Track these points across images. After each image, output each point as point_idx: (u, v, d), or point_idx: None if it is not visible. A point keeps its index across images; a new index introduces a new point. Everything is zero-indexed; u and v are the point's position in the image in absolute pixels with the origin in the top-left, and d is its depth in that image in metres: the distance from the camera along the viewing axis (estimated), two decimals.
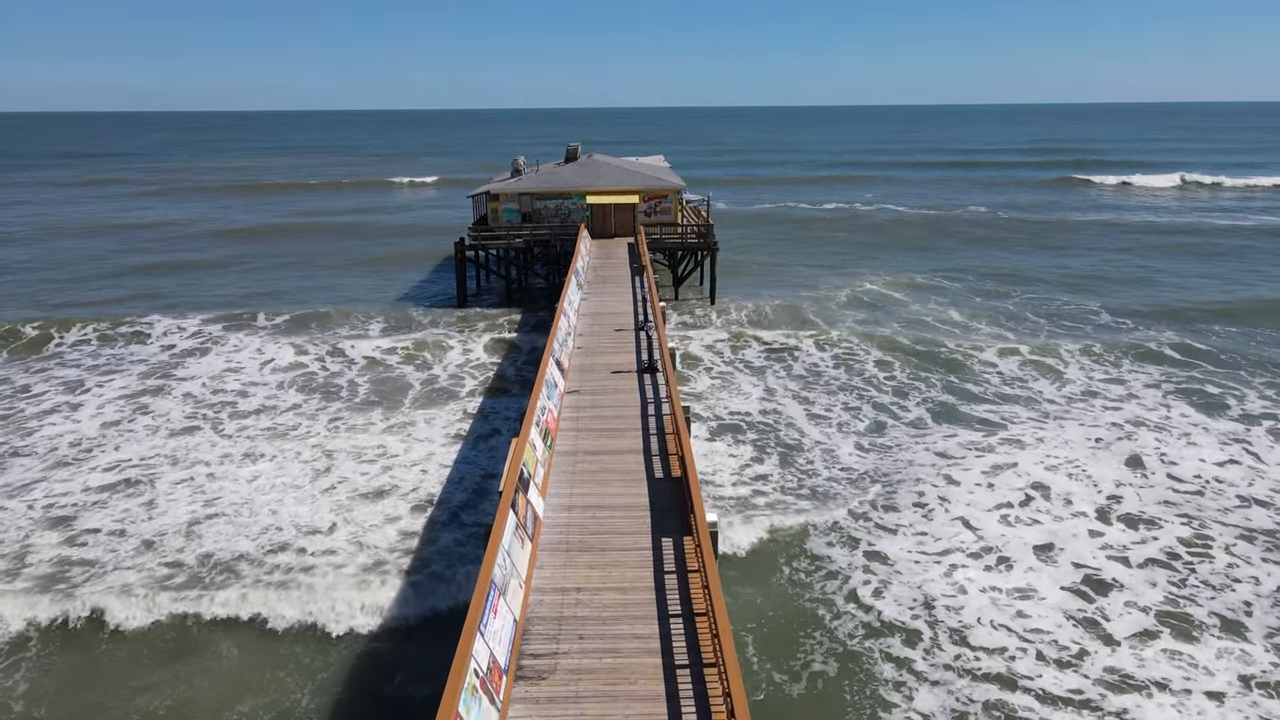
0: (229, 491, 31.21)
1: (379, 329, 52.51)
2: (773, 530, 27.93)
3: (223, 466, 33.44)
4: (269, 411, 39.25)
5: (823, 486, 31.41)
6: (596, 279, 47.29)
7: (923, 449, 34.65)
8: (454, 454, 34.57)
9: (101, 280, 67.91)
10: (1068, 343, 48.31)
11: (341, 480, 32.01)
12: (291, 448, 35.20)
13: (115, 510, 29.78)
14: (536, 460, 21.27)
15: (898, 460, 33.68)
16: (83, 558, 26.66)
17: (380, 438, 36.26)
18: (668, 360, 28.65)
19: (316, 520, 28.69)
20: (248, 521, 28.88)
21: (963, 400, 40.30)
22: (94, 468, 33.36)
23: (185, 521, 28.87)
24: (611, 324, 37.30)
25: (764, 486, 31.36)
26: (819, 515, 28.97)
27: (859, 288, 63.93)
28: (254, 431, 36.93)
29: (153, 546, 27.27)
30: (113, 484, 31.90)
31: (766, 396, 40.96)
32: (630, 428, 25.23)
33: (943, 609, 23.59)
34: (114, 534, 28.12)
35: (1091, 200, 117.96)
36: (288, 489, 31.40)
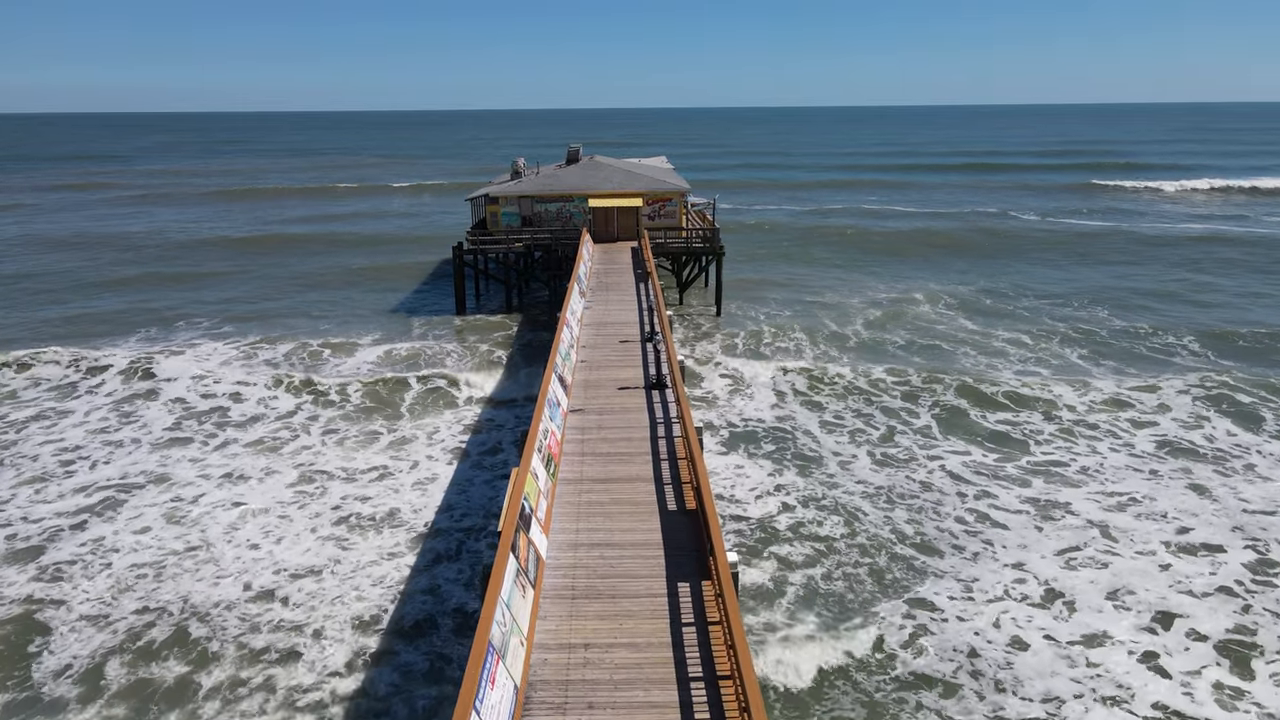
0: (207, 520, 29.36)
1: (373, 339, 50.63)
2: (791, 565, 26.10)
3: (201, 488, 31.58)
4: (256, 426, 37.37)
5: (849, 518, 29.56)
6: (599, 286, 45.45)
7: (951, 484, 32.80)
8: (454, 473, 32.71)
9: (65, 300, 66.01)
10: (1130, 378, 42.65)
11: (333, 507, 30.14)
12: (280, 465, 33.35)
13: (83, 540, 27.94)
14: (539, 491, 19.44)
15: (927, 493, 31.83)
16: (49, 595, 24.83)
17: (376, 455, 34.42)
18: (678, 376, 26.81)
19: (303, 558, 26.79)
20: (227, 558, 27.02)
21: (981, 414, 38.46)
22: (63, 492, 31.52)
23: (149, 561, 27.03)
24: (616, 335, 35.45)
25: (783, 506, 29.51)
26: (845, 555, 27.14)
27: (871, 295, 62.13)
28: (238, 449, 35.07)
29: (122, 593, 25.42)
30: (87, 506, 30.06)
31: (779, 404, 39.11)
32: (639, 452, 23.38)
33: (992, 659, 21.74)
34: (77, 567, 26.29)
35: (1121, 206, 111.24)
36: (273, 517, 29.54)
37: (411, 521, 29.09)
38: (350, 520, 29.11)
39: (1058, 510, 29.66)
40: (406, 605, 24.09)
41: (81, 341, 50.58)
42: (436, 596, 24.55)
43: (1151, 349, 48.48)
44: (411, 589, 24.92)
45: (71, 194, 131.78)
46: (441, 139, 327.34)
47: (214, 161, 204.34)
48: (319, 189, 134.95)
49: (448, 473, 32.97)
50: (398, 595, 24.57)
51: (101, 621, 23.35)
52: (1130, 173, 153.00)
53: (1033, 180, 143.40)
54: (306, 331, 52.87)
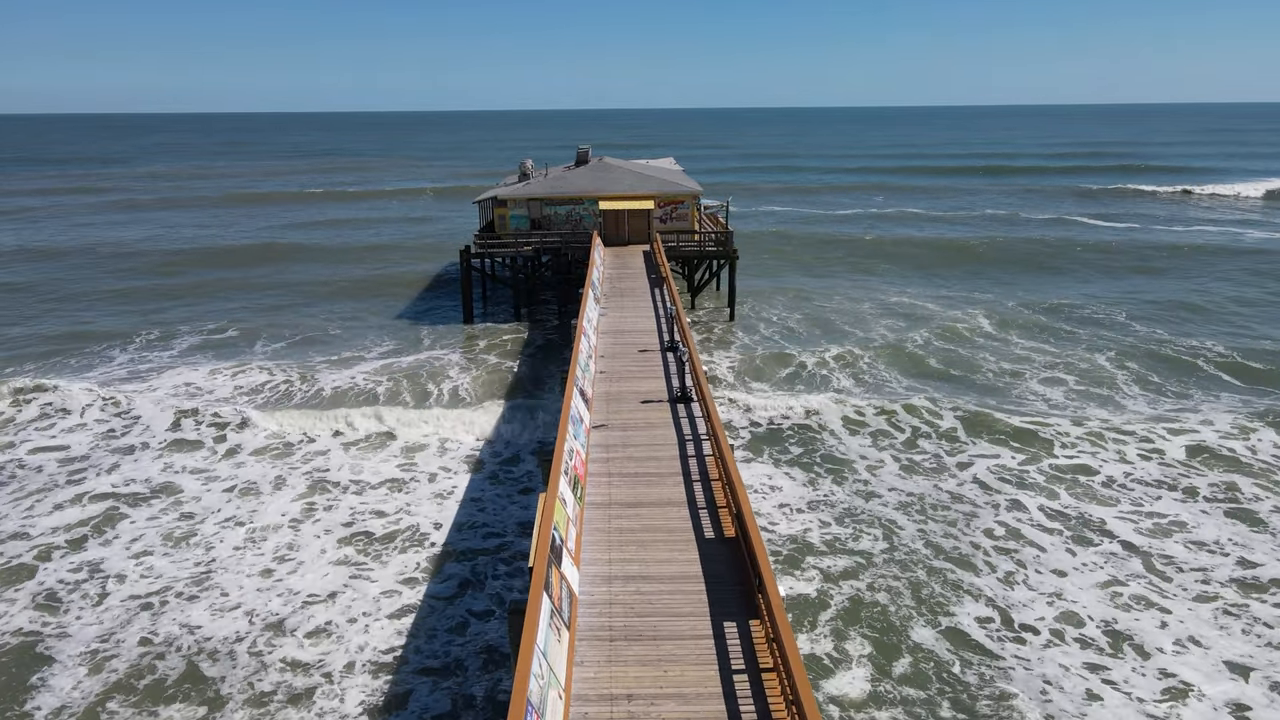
0: (214, 540, 28.02)
1: (381, 351, 49.20)
2: (830, 578, 24.79)
3: (207, 503, 30.24)
4: (261, 437, 36.03)
5: (885, 531, 28.23)
6: (613, 292, 44.11)
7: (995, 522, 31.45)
8: (470, 486, 31.37)
9: (40, 318, 64.72)
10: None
11: (345, 523, 28.80)
12: (290, 478, 32.00)
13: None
14: (568, 519, 18.09)
15: (965, 528, 30.48)
16: (47, 622, 23.47)
17: (388, 468, 33.07)
18: (706, 389, 25.45)
19: (317, 583, 25.44)
20: (235, 584, 25.67)
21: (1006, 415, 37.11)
22: (60, 502, 30.18)
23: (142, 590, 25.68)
24: (634, 344, 34.10)
25: (815, 524, 28.19)
26: (883, 570, 25.81)
27: (885, 300, 60.82)
28: (242, 458, 33.72)
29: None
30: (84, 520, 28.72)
31: (799, 415, 37.79)
32: (669, 471, 22.03)
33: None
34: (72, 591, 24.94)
35: (1154, 211, 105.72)
36: (283, 535, 28.20)
37: (429, 539, 27.79)
38: (365, 539, 27.79)
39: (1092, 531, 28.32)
40: (427, 639, 22.74)
41: (78, 353, 49.32)
42: (459, 629, 23.18)
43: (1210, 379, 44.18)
44: (433, 621, 23.57)
45: (67, 198, 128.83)
46: (441, 140, 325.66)
47: (212, 164, 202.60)
48: (319, 194, 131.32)
49: (463, 485, 31.65)
50: (418, 628, 23.22)
51: (102, 654, 22.00)
52: (1158, 176, 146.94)
53: (1057, 184, 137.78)
54: (310, 343, 51.57)
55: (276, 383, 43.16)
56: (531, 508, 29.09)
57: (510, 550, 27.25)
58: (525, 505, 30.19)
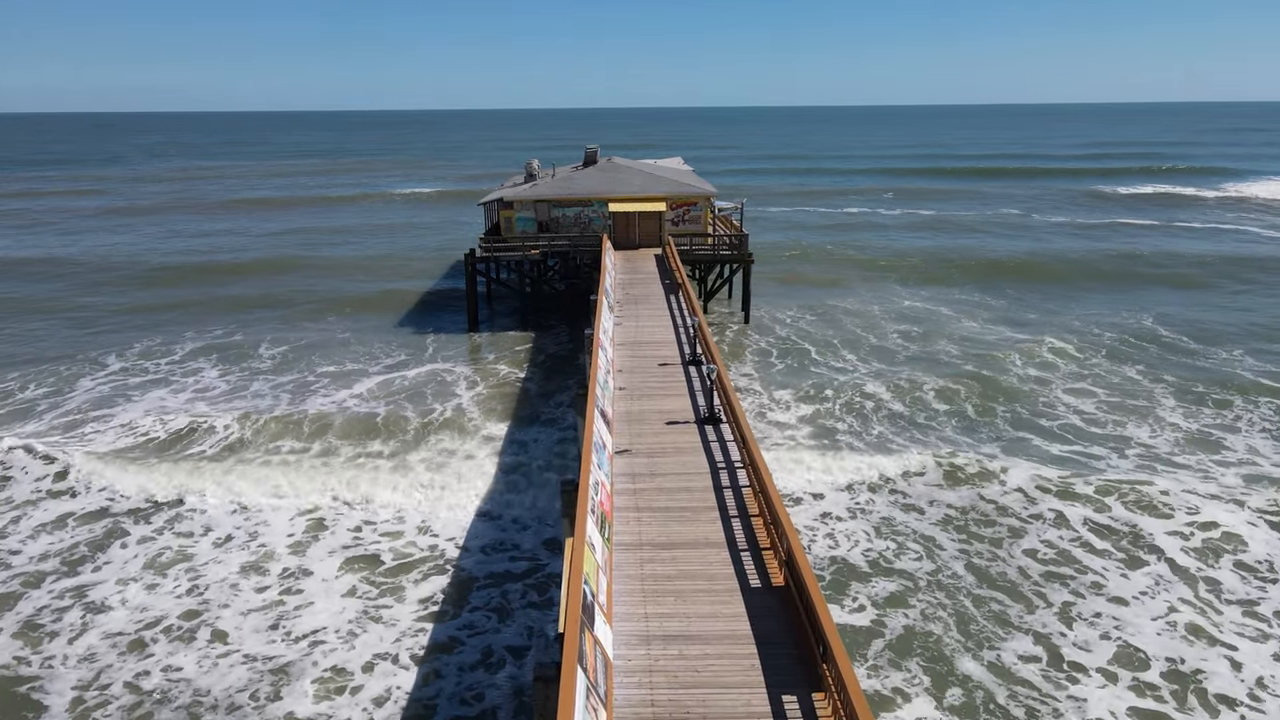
0: (212, 567, 25.99)
1: (384, 365, 46.96)
2: (876, 604, 22.76)
3: (206, 527, 28.20)
4: (250, 458, 33.98)
5: (926, 550, 26.18)
6: (627, 299, 42.05)
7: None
8: (485, 504, 29.33)
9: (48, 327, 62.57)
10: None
11: (353, 545, 26.76)
12: (279, 505, 29.96)
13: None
14: (598, 566, 16.04)
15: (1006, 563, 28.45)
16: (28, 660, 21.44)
17: (398, 487, 31.03)
18: (739, 411, 23.36)
19: (326, 619, 23.42)
20: (233, 623, 23.64)
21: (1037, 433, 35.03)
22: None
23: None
24: (653, 356, 32.03)
25: (853, 539, 26.16)
26: (928, 595, 23.78)
27: (896, 304, 58.82)
28: (234, 482, 31.65)
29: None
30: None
31: (821, 432, 35.74)
32: (703, 505, 19.97)
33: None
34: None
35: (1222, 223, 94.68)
36: (289, 561, 26.18)
37: (445, 562, 25.78)
38: (377, 566, 25.79)
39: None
40: (450, 682, 20.74)
41: (68, 362, 47.34)
42: (488, 673, 21.19)
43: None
44: (456, 661, 21.59)
45: (55, 200, 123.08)
46: (441, 140, 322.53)
47: (208, 165, 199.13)
48: (317, 199, 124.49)
49: (475, 504, 29.63)
50: (440, 671, 21.23)
51: (86, 703, 19.98)
52: (1192, 178, 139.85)
53: (1093, 187, 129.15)
54: (309, 356, 49.51)
55: (283, 395, 41.15)
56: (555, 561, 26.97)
57: (535, 575, 25.22)
58: (545, 522, 28.18)
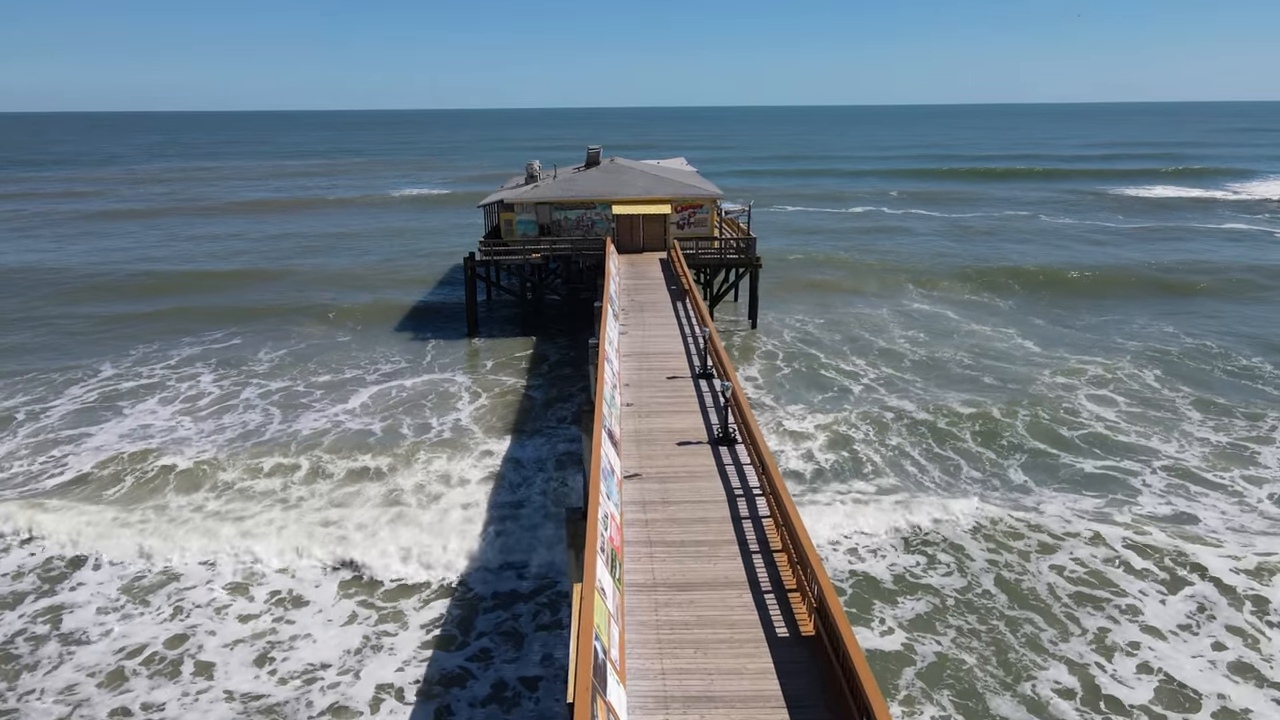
0: (200, 595, 24.44)
1: (379, 374, 45.50)
2: (904, 626, 21.19)
3: (198, 555, 26.65)
4: (223, 487, 32.37)
5: (959, 565, 24.61)
6: (632, 306, 40.47)
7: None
8: (486, 526, 27.75)
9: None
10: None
11: (352, 572, 25.17)
12: (286, 523, 28.38)
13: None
14: (608, 615, 14.46)
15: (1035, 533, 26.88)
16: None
17: (393, 509, 29.44)
18: (756, 432, 21.74)
19: (325, 651, 21.90)
20: (222, 660, 22.08)
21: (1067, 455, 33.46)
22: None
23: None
24: (661, 369, 30.43)
25: (878, 554, 24.59)
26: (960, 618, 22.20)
27: (906, 308, 57.26)
28: (207, 515, 30.03)
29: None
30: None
31: (840, 431, 34.16)
32: (721, 539, 18.39)
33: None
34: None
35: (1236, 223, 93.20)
36: (282, 589, 24.62)
37: (448, 584, 24.24)
38: (376, 593, 24.26)
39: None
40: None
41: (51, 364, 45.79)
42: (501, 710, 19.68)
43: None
44: (463, 696, 20.06)
45: (36, 203, 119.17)
46: (440, 139, 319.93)
47: (207, 165, 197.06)
48: (315, 200, 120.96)
49: (478, 526, 28.03)
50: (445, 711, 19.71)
51: None
52: (1205, 179, 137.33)
53: (1107, 189, 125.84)
54: (305, 364, 47.98)
55: (276, 411, 39.61)
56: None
57: (543, 595, 23.64)
58: (547, 541, 26.62)
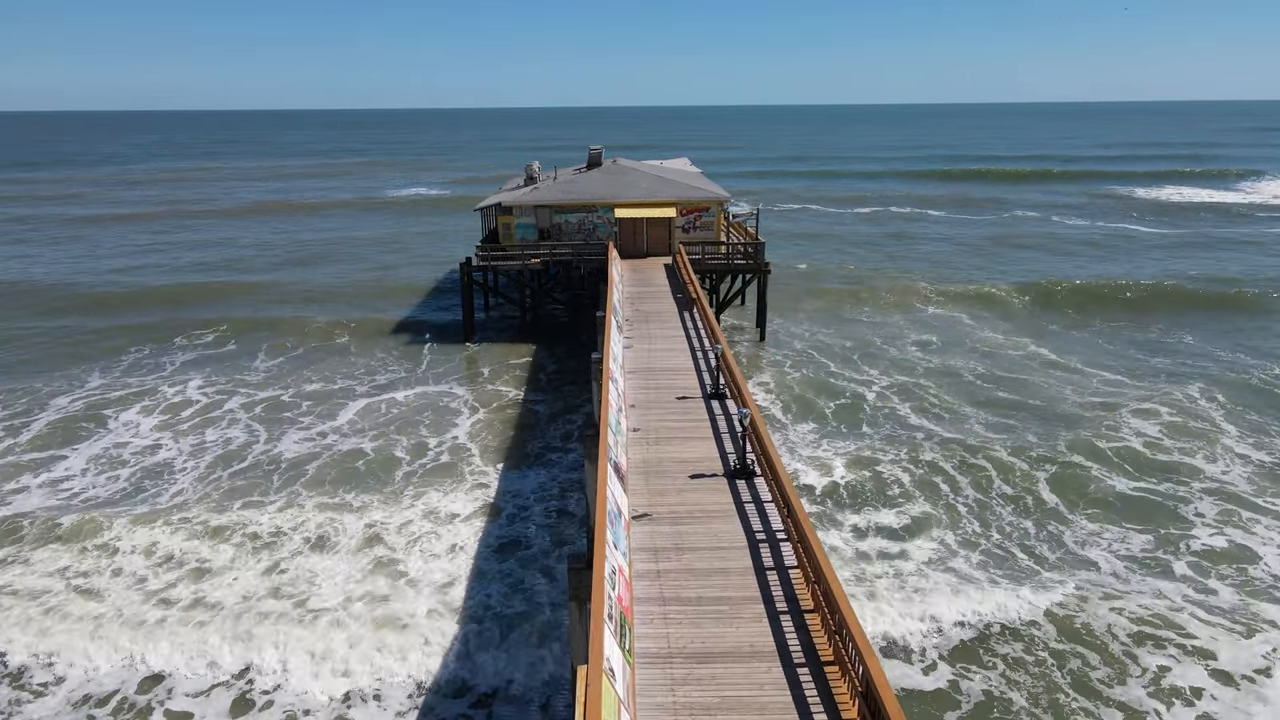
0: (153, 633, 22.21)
1: (367, 388, 43.31)
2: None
3: (148, 596, 24.42)
4: (190, 514, 30.16)
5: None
6: (636, 316, 38.27)
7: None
8: (474, 575, 25.52)
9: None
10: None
11: (276, 674, 22.81)
12: (247, 565, 26.13)
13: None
14: (617, 700, 12.27)
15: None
16: None
17: (370, 546, 27.21)
18: (780, 468, 19.47)
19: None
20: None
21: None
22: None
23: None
24: (670, 388, 28.22)
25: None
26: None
27: (918, 314, 55.03)
28: (194, 541, 27.86)
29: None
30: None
31: (862, 459, 31.97)
32: (743, 595, 16.19)
33: None
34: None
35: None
36: (239, 644, 22.38)
37: (429, 667, 21.98)
38: (350, 687, 21.96)
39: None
40: None
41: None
42: None
43: None
44: None
45: (23, 206, 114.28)
46: (436, 140, 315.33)
47: (204, 165, 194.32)
48: (305, 204, 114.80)
49: (465, 570, 25.81)
50: None
51: None
52: (1234, 181, 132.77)
53: (1153, 195, 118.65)
54: (289, 378, 45.78)
55: (236, 443, 37.43)
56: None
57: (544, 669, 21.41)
58: (543, 592, 24.42)
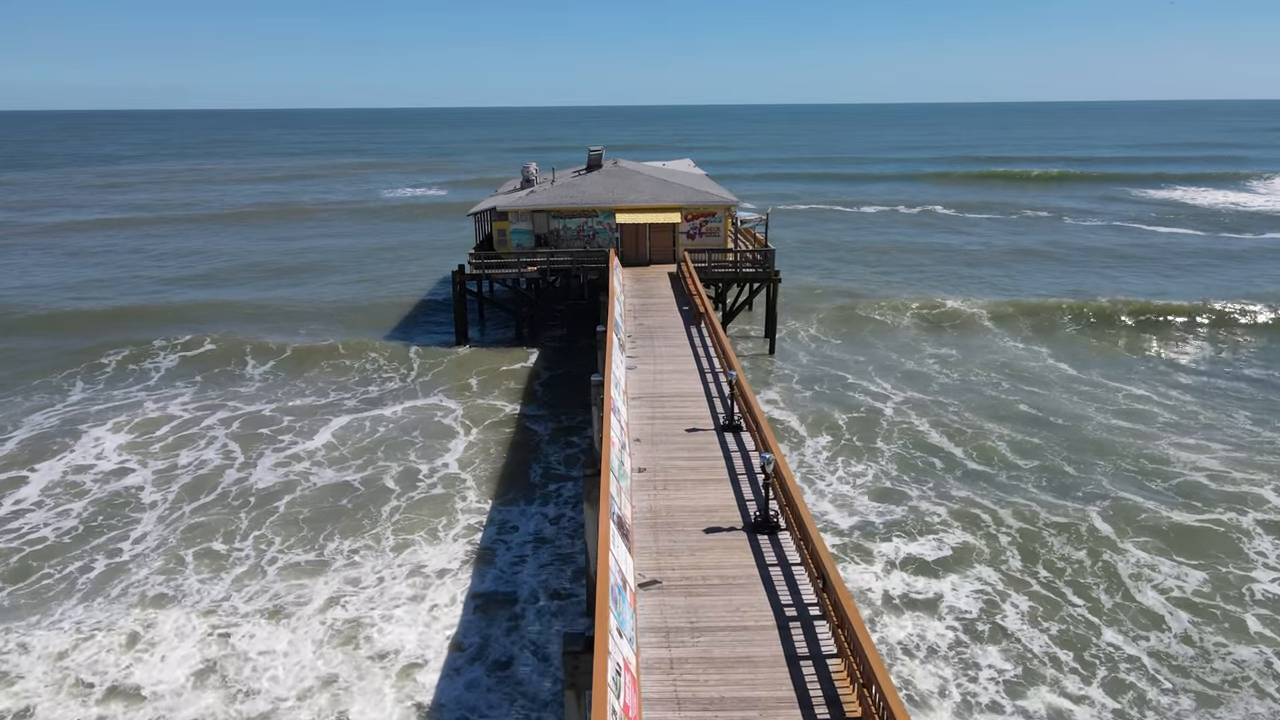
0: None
1: (352, 404, 40.49)
2: None
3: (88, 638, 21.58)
4: (146, 558, 27.33)
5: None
6: (640, 331, 35.45)
7: None
8: (460, 631, 22.66)
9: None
10: None
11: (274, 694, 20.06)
12: (173, 620, 23.30)
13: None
14: None
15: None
16: None
17: (334, 598, 24.36)
18: (806, 517, 16.70)
19: None
20: None
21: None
22: None
23: None
24: (678, 417, 25.41)
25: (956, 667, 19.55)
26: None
27: (928, 321, 52.16)
28: (125, 586, 25.03)
29: None
30: None
31: (884, 497, 29.12)
32: (775, 695, 13.36)
33: None
34: None
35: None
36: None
37: None
38: None
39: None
40: None
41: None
42: None
43: None
44: None
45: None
46: (434, 140, 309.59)
47: (200, 165, 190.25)
48: (295, 208, 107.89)
49: (445, 648, 22.88)
50: None
51: None
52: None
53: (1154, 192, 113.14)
54: (275, 393, 42.95)
55: (212, 452, 34.62)
56: None
57: None
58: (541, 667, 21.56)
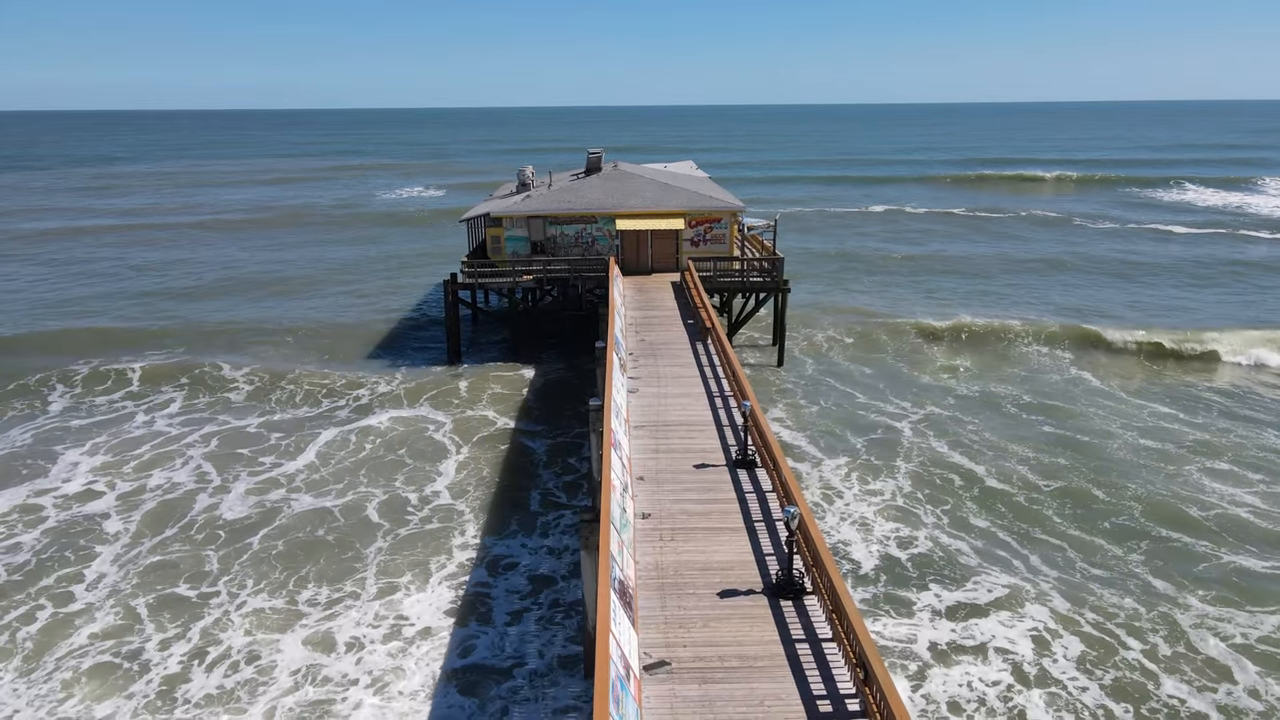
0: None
1: (337, 419, 38.16)
2: None
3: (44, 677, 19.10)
4: (107, 604, 24.88)
5: None
6: (642, 349, 33.06)
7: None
8: (440, 700, 20.22)
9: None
10: None
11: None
12: (124, 690, 20.87)
13: None
14: None
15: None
16: None
17: (308, 651, 21.93)
18: (839, 583, 14.32)
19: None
20: None
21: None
22: None
23: None
24: (685, 450, 22.99)
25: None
26: None
27: (935, 326, 49.71)
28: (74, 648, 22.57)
29: None
30: None
31: (900, 517, 26.71)
32: None
33: None
34: None
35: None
36: None
37: None
38: None
39: None
40: None
41: None
42: None
43: None
44: None
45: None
46: (430, 141, 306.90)
47: (182, 168, 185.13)
48: (287, 216, 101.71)
49: (427, 688, 20.50)
50: None
51: None
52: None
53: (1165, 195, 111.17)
54: (248, 412, 40.54)
55: (185, 474, 32.19)
56: None
57: None
58: None
